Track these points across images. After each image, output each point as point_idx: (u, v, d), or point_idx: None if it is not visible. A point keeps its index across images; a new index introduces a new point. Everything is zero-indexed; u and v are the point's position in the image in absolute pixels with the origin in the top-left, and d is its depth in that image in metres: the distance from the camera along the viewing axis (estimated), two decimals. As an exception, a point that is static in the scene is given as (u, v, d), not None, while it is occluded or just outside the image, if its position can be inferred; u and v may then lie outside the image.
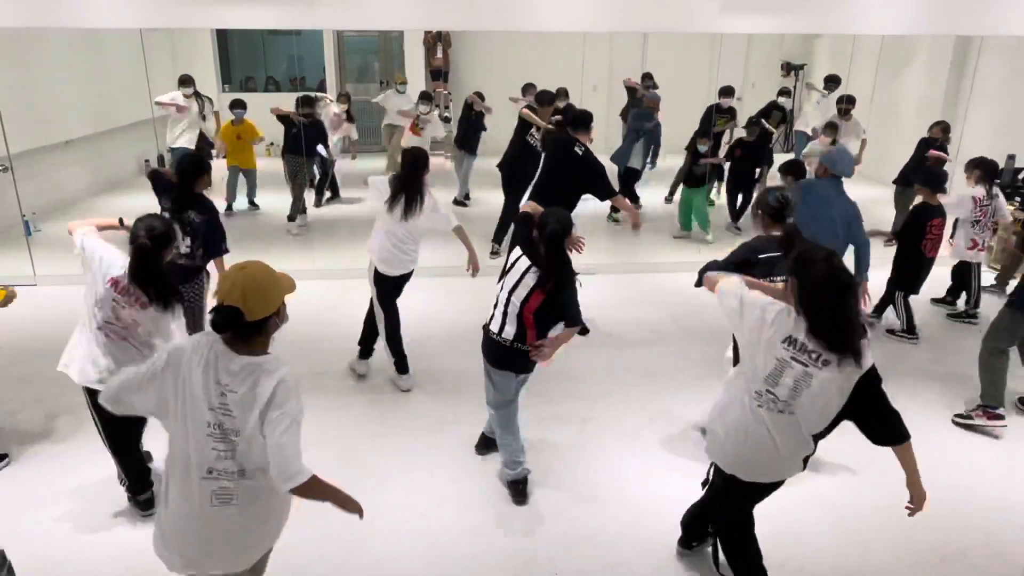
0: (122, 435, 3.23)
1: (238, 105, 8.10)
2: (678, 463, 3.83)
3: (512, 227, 6.03)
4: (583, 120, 5.36)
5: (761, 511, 3.44)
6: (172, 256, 3.19)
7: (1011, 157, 7.24)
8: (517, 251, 3.35)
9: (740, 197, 8.17)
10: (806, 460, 2.60)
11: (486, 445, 3.84)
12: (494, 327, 3.33)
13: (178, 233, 3.47)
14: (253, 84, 11.04)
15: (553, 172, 5.42)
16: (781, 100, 8.60)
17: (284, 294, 2.12)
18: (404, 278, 4.47)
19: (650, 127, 7.99)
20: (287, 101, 9.00)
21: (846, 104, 7.97)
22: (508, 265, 3.38)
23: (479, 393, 4.58)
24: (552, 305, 3.19)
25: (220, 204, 6.73)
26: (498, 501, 3.53)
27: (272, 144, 9.81)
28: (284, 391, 2.04)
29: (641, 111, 8.11)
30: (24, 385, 4.53)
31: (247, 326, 2.04)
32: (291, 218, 7.92)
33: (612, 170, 6.32)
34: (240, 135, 8.11)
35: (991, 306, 5.99)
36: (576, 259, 3.37)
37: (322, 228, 8.06)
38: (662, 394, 4.58)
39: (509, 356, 3.33)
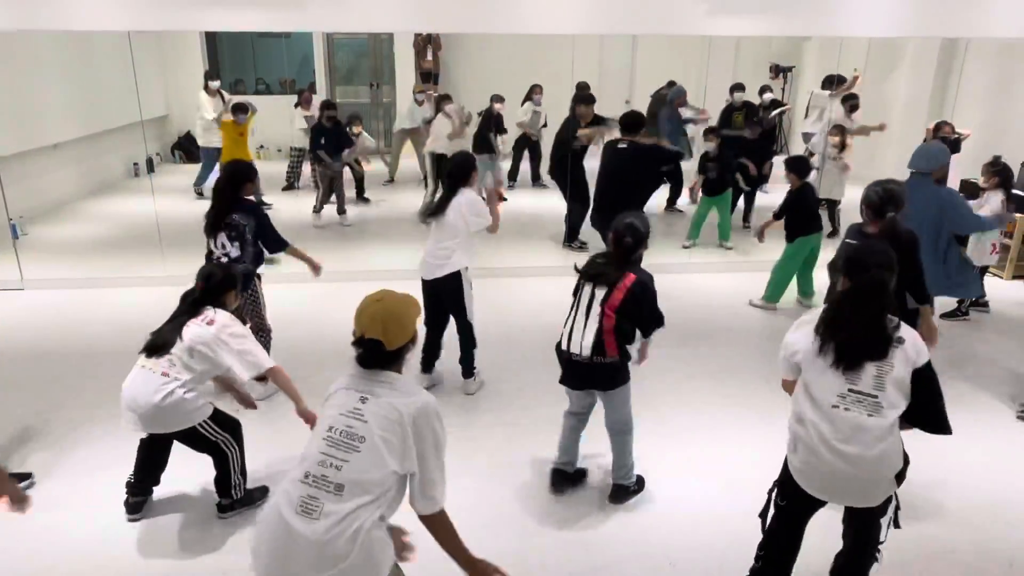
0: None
1: (241, 109, 8.21)
2: (668, 465, 3.84)
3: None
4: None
5: (754, 510, 3.46)
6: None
7: (997, 158, 7.29)
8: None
9: (743, 196, 8.18)
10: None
11: (560, 482, 3.63)
12: (573, 347, 3.25)
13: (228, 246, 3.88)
14: (242, 87, 11.03)
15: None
16: (737, 96, 8.72)
17: (416, 319, 2.19)
18: (439, 285, 4.34)
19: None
20: (279, 104, 9.03)
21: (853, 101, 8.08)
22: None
23: (472, 396, 4.59)
24: (633, 306, 3.18)
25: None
26: (489, 504, 3.53)
27: (262, 147, 9.81)
28: (426, 415, 2.08)
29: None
30: (13, 391, 4.50)
31: (387, 355, 2.13)
32: (339, 211, 8.23)
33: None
34: (242, 132, 8.14)
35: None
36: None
37: (318, 231, 8.05)
38: (652, 396, 4.59)
39: (588, 373, 3.29)
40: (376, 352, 2.11)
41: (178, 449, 3.73)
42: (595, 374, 3.29)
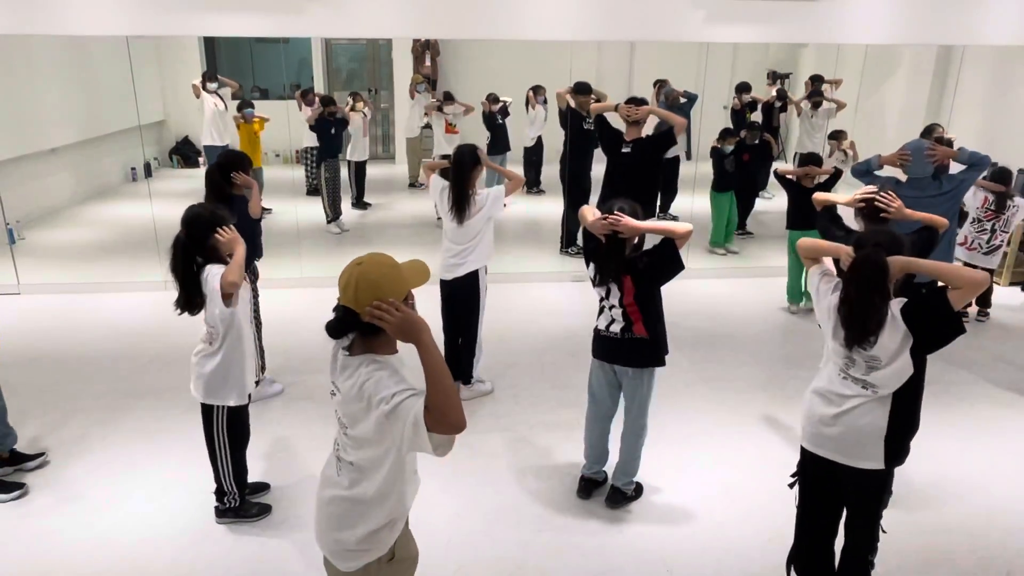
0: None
1: (248, 106, 8.26)
2: (665, 472, 3.83)
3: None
4: None
5: (751, 516, 3.46)
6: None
7: (992, 164, 7.33)
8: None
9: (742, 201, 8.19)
10: None
11: (589, 489, 3.66)
12: (602, 325, 3.36)
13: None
14: (240, 92, 11.02)
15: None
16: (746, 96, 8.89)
17: (408, 287, 1.92)
18: (455, 285, 4.38)
19: None
20: (276, 108, 9.06)
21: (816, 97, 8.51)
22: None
23: (466, 402, 4.58)
24: (650, 277, 3.19)
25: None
26: (486, 509, 3.52)
27: (263, 153, 9.80)
28: (375, 379, 1.84)
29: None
30: (9, 395, 4.46)
31: (365, 326, 1.86)
32: (333, 219, 8.22)
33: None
34: (255, 132, 8.24)
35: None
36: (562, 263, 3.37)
37: (314, 235, 8.04)
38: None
39: (619, 347, 3.32)
40: (344, 321, 1.88)
41: (179, 450, 3.72)
42: (626, 349, 3.31)
